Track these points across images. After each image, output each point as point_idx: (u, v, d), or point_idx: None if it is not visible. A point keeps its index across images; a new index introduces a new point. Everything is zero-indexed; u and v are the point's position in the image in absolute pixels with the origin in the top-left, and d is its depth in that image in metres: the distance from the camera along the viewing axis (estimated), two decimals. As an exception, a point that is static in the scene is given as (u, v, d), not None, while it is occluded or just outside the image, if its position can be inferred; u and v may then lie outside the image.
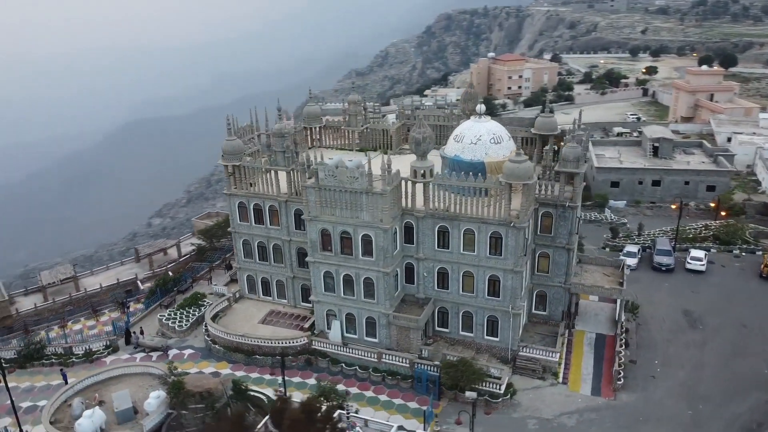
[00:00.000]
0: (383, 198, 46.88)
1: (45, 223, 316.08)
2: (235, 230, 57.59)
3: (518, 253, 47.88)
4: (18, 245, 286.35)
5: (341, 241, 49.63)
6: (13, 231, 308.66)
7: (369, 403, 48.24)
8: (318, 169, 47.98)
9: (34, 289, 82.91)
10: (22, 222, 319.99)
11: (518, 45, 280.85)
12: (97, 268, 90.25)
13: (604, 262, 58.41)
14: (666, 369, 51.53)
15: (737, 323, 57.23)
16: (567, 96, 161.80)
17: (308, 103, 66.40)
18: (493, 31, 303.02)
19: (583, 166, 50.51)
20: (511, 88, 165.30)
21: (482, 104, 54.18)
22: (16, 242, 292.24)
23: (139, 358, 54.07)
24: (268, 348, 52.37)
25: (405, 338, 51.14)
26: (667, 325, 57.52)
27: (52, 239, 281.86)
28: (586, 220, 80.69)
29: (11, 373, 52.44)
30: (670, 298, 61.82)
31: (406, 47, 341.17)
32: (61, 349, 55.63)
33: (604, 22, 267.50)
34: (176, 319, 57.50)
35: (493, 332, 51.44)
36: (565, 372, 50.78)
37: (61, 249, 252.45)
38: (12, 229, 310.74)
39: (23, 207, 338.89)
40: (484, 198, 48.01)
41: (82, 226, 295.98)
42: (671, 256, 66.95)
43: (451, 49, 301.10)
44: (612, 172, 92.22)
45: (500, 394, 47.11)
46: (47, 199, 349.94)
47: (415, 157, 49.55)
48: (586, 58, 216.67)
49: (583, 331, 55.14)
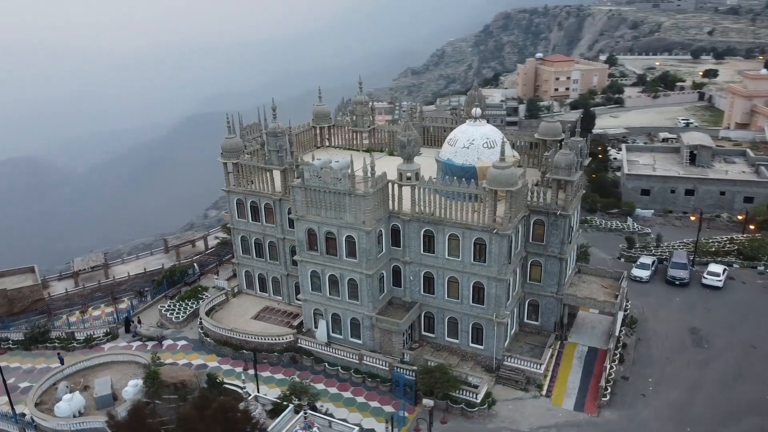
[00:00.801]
0: (366, 200, 46.87)
1: (113, 209, 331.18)
2: (233, 226, 58.90)
3: (502, 261, 46.94)
4: (87, 230, 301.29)
5: (326, 242, 49.94)
6: (86, 215, 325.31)
7: (345, 404, 48.39)
8: (303, 169, 48.46)
9: (67, 274, 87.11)
10: (94, 207, 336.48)
11: (577, 45, 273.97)
12: (128, 257, 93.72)
13: (604, 273, 56.46)
14: (659, 388, 49.43)
15: (746, 344, 54.29)
16: (616, 99, 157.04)
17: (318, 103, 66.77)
18: (552, 30, 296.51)
19: (575, 173, 48.92)
20: (558, 90, 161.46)
21: (478, 107, 53.27)
22: (86, 226, 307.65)
23: (135, 346, 56.12)
24: (255, 343, 53.28)
25: (388, 341, 51.02)
26: (670, 342, 55.12)
27: (118, 226, 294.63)
28: (607, 228, 78.25)
29: (2, 354, 55.26)
30: (679, 314, 59.20)
31: (462, 46, 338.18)
32: (63, 334, 58.27)
33: (669, 22, 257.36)
34: (174, 311, 59.29)
35: (478, 340, 50.66)
36: (551, 385, 49.46)
37: (124, 236, 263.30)
38: (84, 214, 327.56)
39: (95, 193, 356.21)
40: (470, 203, 47.27)
41: (146, 214, 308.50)
42: (686, 270, 64.04)
43: (509, 48, 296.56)
44: (643, 179, 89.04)
45: (476, 403, 46.33)
46: (118, 186, 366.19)
47: (402, 159, 49.32)
48: (644, 60, 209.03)
49: (576, 344, 53.51)
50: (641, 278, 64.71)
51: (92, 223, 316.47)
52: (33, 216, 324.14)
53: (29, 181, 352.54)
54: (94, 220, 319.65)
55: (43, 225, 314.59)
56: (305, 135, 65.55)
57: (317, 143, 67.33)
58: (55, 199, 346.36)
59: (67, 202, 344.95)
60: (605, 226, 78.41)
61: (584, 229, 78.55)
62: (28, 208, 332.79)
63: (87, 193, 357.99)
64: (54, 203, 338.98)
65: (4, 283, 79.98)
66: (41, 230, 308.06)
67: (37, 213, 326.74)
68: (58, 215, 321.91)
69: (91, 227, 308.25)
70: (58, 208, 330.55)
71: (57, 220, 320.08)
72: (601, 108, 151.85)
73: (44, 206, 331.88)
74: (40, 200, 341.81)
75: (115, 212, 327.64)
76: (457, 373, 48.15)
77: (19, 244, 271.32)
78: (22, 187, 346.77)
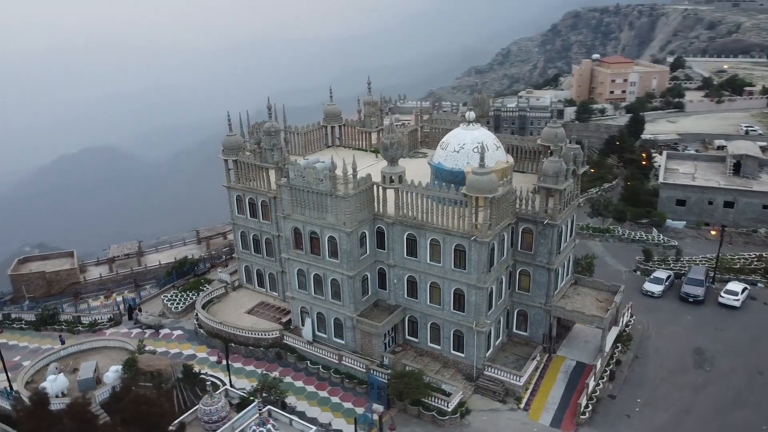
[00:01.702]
0: (346, 201, 46.97)
1: (185, 199, 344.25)
2: (233, 222, 60.27)
3: (481, 269, 46.00)
4: (158, 218, 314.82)
5: (311, 241, 50.40)
6: (158, 204, 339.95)
7: (319, 403, 48.74)
8: (288, 168, 49.05)
9: (103, 260, 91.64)
10: (166, 196, 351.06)
11: (648, 46, 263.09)
12: (162, 246, 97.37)
13: (601, 286, 54.26)
14: (647, 409, 47.16)
15: (753, 370, 50.94)
16: (676, 103, 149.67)
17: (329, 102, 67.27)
18: (622, 30, 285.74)
19: (564, 182, 47.21)
20: (613, 93, 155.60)
21: (471, 111, 52.31)
22: (158, 214, 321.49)
23: (134, 333, 58.46)
24: (242, 337, 54.45)
25: (369, 343, 50.95)
26: (670, 362, 52.42)
27: (184, 215, 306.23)
28: (629, 239, 75.06)
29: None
30: (686, 333, 56.20)
31: (529, 45, 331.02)
32: (71, 318, 61.31)
33: (750, 22, 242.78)
34: (175, 301, 61.31)
35: (459, 347, 49.85)
36: (531, 398, 48.06)
37: (188, 225, 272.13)
38: (156, 203, 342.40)
39: (169, 182, 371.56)
40: (451, 208, 46.55)
41: (210, 205, 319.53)
42: (702, 287, 60.60)
43: (576, 48, 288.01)
44: (678, 188, 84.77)
45: (447, 411, 45.64)
46: (188, 177, 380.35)
47: (386, 162, 49.07)
48: (715, 62, 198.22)
49: (564, 358, 51.73)
50: (653, 293, 61.81)
51: (163, 211, 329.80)
52: (108, 202, 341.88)
53: (106, 169, 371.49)
54: (166, 209, 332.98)
55: (118, 211, 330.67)
56: (314, 134, 66.18)
57: (327, 143, 67.86)
58: (129, 187, 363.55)
59: (141, 191, 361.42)
60: (627, 236, 75.16)
61: (605, 239, 75.80)
62: (104, 194, 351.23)
63: (160, 182, 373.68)
64: (128, 191, 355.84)
65: (46, 266, 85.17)
66: (116, 216, 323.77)
67: (112, 199, 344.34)
68: (131, 202, 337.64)
69: (161, 216, 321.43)
70: (132, 196, 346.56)
71: (130, 207, 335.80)
72: (659, 112, 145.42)
73: (119, 193, 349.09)
74: (116, 188, 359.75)
75: (185, 201, 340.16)
76: (431, 380, 47.62)
77: (95, 229, 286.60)
78: (100, 174, 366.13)
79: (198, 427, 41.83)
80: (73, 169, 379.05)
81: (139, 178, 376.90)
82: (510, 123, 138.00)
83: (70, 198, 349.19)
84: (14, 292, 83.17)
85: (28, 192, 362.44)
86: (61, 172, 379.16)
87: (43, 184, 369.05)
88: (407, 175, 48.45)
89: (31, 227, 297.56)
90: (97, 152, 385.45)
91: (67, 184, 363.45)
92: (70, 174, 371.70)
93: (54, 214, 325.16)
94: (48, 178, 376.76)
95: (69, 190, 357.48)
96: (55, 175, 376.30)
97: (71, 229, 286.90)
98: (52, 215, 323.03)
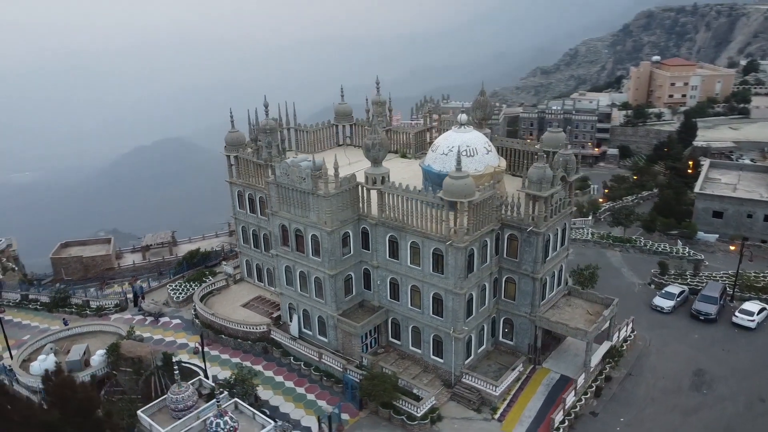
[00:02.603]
0: (327, 200, 47.10)
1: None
2: (235, 216, 61.55)
3: (458, 274, 45.14)
4: (216, 208, 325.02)
5: (296, 239, 50.86)
6: (222, 195, 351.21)
7: (295, 399, 49.16)
8: (275, 166, 49.66)
9: (138, 248, 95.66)
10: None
11: (726, 48, 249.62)
12: (195, 237, 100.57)
13: (595, 298, 52.04)
14: (628, 430, 45.01)
15: (755, 396, 47.69)
16: (741, 109, 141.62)
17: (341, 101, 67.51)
18: (698, 31, 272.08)
19: (548, 188, 45.55)
20: (672, 96, 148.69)
21: (463, 114, 51.30)
22: (222, 205, 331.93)
23: (136, 320, 60.76)
24: (232, 330, 55.56)
25: (349, 343, 50.96)
26: (665, 382, 49.78)
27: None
28: (651, 250, 71.66)
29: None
30: (690, 352, 53.21)
31: (598, 46, 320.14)
32: (81, 301, 64.24)
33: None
34: (178, 291, 63.22)
35: (438, 352, 49.10)
36: (507, 409, 46.74)
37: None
38: (221, 194, 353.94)
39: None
40: (430, 211, 45.89)
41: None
42: (715, 305, 57.18)
43: (648, 49, 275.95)
44: (716, 200, 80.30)
45: (417, 416, 45.08)
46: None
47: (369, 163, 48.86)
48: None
49: (549, 370, 49.99)
50: (662, 308, 58.85)
51: (222, 203, 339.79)
52: (178, 192, 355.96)
53: (177, 160, 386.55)
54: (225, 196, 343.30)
55: (186, 201, 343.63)
56: (324, 133, 66.64)
57: (338, 141, 68.17)
58: (198, 178, 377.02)
59: (208, 182, 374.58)
60: (649, 247, 71.75)
61: (625, 249, 72.72)
62: (174, 184, 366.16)
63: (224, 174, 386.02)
64: (196, 182, 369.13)
65: (84, 251, 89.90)
66: (185, 205, 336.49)
67: (181, 190, 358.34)
68: (196, 193, 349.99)
69: (220, 203, 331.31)
70: (198, 187, 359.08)
71: (196, 198, 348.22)
72: (720, 118, 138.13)
73: (187, 184, 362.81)
74: (185, 178, 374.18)
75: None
76: (406, 384, 47.16)
77: (164, 217, 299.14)
78: (171, 165, 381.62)
79: (167, 413, 43.19)
80: (147, 160, 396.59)
81: (208, 169, 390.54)
82: (554, 126, 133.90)
83: (144, 187, 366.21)
84: (55, 274, 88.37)
85: (106, 180, 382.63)
86: (137, 162, 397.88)
87: (121, 173, 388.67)
88: (408, 176, 48.09)
89: (107, 213, 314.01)
90: (169, 143, 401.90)
91: (142, 173, 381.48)
92: (145, 164, 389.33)
93: (128, 201, 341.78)
94: (124, 168, 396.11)
95: (143, 179, 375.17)
96: (131, 165, 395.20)
97: (143, 217, 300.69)
98: (126, 202, 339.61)
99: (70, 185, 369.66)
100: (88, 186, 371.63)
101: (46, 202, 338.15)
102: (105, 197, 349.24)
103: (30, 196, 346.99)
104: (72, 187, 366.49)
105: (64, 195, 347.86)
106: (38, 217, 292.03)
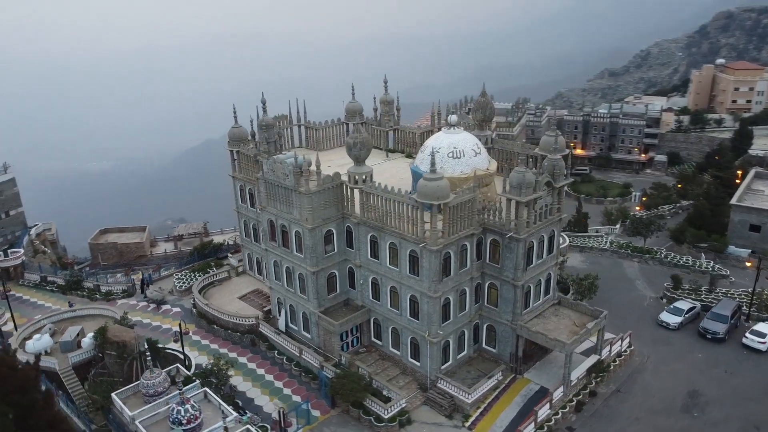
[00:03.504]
0: (308, 198, 47.29)
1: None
2: (237, 210, 62.64)
3: (432, 277, 44.39)
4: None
5: (282, 234, 51.32)
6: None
7: (272, 392, 49.62)
8: (262, 161, 50.26)
9: (172, 238, 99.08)
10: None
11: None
12: (226, 228, 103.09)
13: (584, 309, 49.92)
14: (603, 449, 43.16)
15: (749, 424, 44.65)
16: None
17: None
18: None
19: (528, 194, 44.02)
20: (736, 102, 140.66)
21: (454, 115, 50.28)
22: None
23: (140, 305, 62.92)
24: (223, 321, 56.64)
25: (329, 340, 51.00)
26: (654, 401, 47.34)
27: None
28: (671, 262, 68.18)
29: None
30: (689, 372, 50.38)
31: (671, 48, 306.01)
32: (92, 285, 66.95)
33: None
34: (183, 281, 64.96)
35: (416, 355, 48.46)
36: (479, 417, 45.63)
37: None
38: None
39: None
40: (408, 212, 45.28)
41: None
42: (725, 324, 53.85)
43: (725, 52, 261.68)
44: (753, 212, 75.55)
45: (384, 418, 44.64)
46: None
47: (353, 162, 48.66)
48: None
49: (528, 381, 48.40)
50: (668, 324, 55.91)
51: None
52: (223, 191, 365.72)
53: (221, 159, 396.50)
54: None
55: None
56: (333, 130, 66.91)
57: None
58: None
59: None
60: (670, 259, 68.24)
61: (644, 260, 69.49)
62: (219, 183, 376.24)
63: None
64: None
65: (120, 238, 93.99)
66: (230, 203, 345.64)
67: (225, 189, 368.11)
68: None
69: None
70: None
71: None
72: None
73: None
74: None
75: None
76: (379, 385, 46.82)
77: (225, 208, 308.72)
78: (216, 164, 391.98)
79: (140, 398, 44.64)
80: (214, 152, 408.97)
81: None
82: (600, 130, 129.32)
83: (210, 178, 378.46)
84: (92, 259, 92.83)
85: (178, 170, 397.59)
86: (205, 154, 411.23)
87: (189, 164, 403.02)
88: (408, 176, 47.70)
89: (176, 202, 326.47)
90: (215, 144, 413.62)
91: (209, 165, 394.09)
92: (211, 156, 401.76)
93: (196, 192, 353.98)
94: (193, 159, 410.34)
95: (211, 170, 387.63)
96: (199, 157, 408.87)
97: (207, 206, 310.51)
98: (194, 193, 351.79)
99: (145, 173, 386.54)
100: (162, 174, 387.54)
101: (122, 189, 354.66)
102: (176, 186, 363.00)
103: (106, 184, 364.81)
104: (146, 174, 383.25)
105: (138, 184, 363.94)
106: (107, 203, 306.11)
